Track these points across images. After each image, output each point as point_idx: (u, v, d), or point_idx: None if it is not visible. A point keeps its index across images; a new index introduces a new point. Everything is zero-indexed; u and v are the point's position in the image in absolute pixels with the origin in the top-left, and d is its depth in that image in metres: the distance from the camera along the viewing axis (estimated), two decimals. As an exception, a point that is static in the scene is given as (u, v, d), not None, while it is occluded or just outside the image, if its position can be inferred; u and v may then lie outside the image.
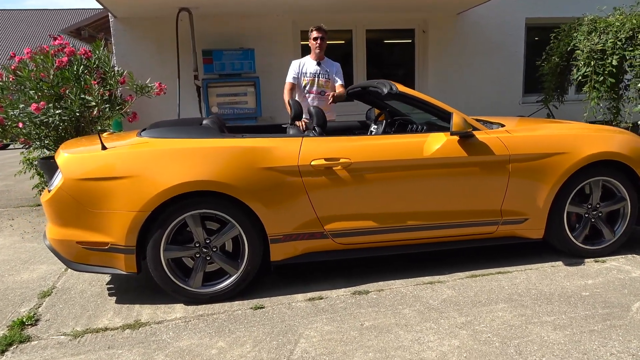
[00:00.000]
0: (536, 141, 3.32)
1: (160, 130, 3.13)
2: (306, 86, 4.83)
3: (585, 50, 5.85)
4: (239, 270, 3.03)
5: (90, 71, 5.27)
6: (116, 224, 2.86)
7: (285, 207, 3.02)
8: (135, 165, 2.88)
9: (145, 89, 5.15)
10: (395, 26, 7.01)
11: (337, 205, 3.10)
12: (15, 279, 3.59)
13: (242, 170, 2.94)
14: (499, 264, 3.46)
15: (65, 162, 2.92)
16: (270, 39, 6.48)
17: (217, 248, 3.01)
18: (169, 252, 2.94)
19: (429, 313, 2.77)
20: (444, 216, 3.24)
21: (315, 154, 3.05)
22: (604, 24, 5.85)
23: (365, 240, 3.20)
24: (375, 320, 2.71)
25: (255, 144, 3.03)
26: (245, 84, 5.99)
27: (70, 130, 5.31)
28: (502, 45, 7.22)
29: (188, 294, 2.99)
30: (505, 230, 3.38)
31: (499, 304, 2.86)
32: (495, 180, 3.25)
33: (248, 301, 3.03)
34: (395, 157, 3.12)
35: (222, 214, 2.95)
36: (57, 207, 2.90)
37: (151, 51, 6.17)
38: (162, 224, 2.89)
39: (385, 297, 3.01)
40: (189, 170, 2.87)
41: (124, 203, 2.84)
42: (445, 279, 3.24)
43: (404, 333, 2.56)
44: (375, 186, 3.12)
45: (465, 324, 2.63)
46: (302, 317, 2.79)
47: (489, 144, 3.24)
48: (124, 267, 2.93)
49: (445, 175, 3.19)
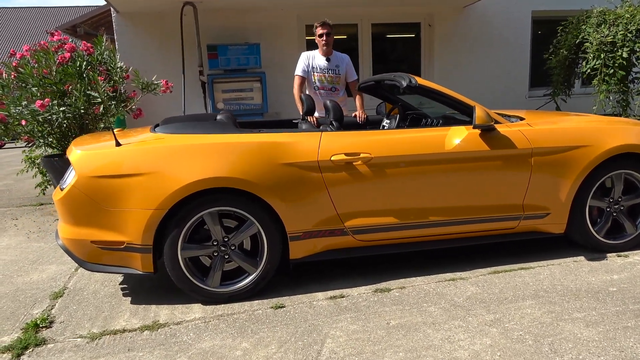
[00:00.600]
0: (558, 134, 3.26)
1: (175, 126, 3.05)
2: (316, 82, 4.75)
3: (594, 43, 5.79)
4: (258, 269, 2.95)
5: (93, 67, 5.15)
6: (132, 223, 2.78)
7: (305, 203, 2.94)
8: (151, 162, 2.79)
9: (150, 87, 5.05)
10: (400, 20, 6.93)
11: (357, 201, 3.02)
12: (24, 280, 3.50)
13: (261, 166, 2.86)
14: (520, 259, 3.40)
15: (78, 159, 2.83)
16: (275, 33, 6.38)
17: (236, 246, 2.94)
18: (186, 251, 2.86)
19: (456, 311, 2.71)
20: (466, 211, 3.17)
21: (335, 148, 2.98)
22: (614, 16, 5.79)
23: (386, 237, 3.13)
24: (401, 319, 2.64)
25: (274, 139, 2.95)
26: (251, 79, 5.90)
27: (74, 128, 5.20)
28: (508, 38, 7.16)
29: (206, 293, 2.91)
30: (527, 225, 3.31)
31: (526, 300, 2.79)
32: (517, 174, 3.19)
33: (268, 300, 2.95)
34: (416, 152, 3.05)
35: (241, 211, 2.87)
36: (71, 205, 2.81)
37: (154, 46, 6.06)
38: (180, 222, 2.80)
39: (408, 294, 2.94)
40: (207, 167, 2.79)
41: (140, 201, 2.76)
42: (467, 276, 3.18)
43: (433, 332, 2.49)
44: (396, 181, 3.04)
45: (495, 321, 2.57)
46: (326, 316, 2.72)
47: (511, 137, 3.17)
48: (141, 266, 2.85)
49: (467, 169, 3.12)
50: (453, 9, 6.90)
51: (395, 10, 6.72)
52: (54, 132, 5.26)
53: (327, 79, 4.72)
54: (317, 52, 4.78)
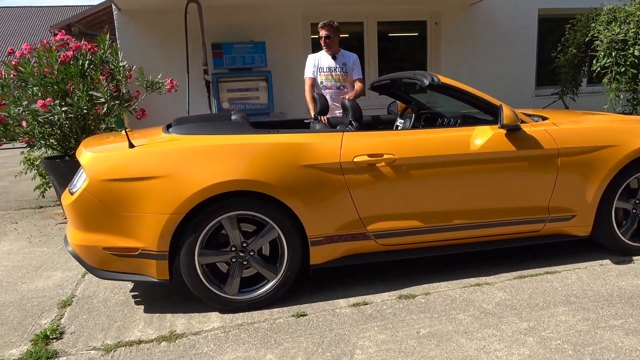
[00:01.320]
0: (585, 134, 3.16)
1: (191, 126, 2.91)
2: (323, 81, 4.65)
3: (605, 41, 5.72)
4: (278, 275, 2.83)
5: (95, 66, 5.00)
6: (147, 228, 2.64)
7: (326, 207, 2.82)
8: (167, 164, 2.66)
9: (155, 85, 4.90)
10: (406, 18, 6.83)
11: (380, 204, 2.91)
12: (29, 288, 3.35)
13: (281, 168, 2.73)
14: (545, 263, 3.31)
15: (90, 161, 2.69)
16: (280, 31, 6.25)
17: (255, 252, 2.81)
18: (203, 257, 2.73)
19: (487, 318, 2.60)
20: (491, 214, 3.07)
21: (358, 149, 2.86)
22: (625, 13, 5.72)
23: (409, 241, 3.02)
24: (431, 328, 2.53)
25: (294, 139, 2.83)
26: (257, 78, 5.77)
27: (75, 129, 5.04)
28: (514, 37, 7.08)
29: (224, 301, 2.78)
30: (552, 227, 3.22)
31: (558, 307, 2.69)
32: (543, 176, 3.09)
33: (288, 308, 2.83)
34: (441, 153, 2.94)
35: (261, 215, 2.74)
36: (82, 210, 2.67)
37: (157, 45, 5.91)
38: (197, 227, 2.68)
39: (434, 301, 2.83)
40: (226, 169, 2.66)
41: (156, 205, 2.62)
42: (492, 280, 3.08)
43: (466, 341, 2.38)
44: (420, 183, 2.93)
45: (529, 329, 2.46)
46: (351, 325, 2.61)
47: (537, 137, 3.07)
48: (156, 274, 2.71)
49: (492, 170, 3.01)
50: (459, 6, 6.80)
51: (401, 8, 6.61)
52: (55, 133, 5.10)
53: (334, 78, 4.62)
54: (323, 51, 4.69)
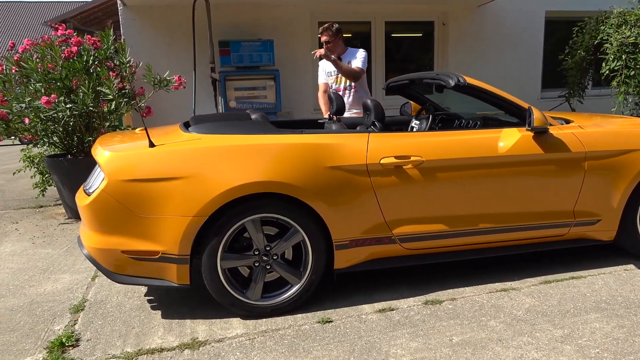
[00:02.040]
0: (612, 137, 3.11)
1: (212, 126, 2.81)
2: (332, 84, 4.61)
3: (615, 44, 5.70)
4: (302, 280, 2.74)
5: (100, 62, 4.88)
6: (168, 231, 2.54)
7: (352, 210, 2.74)
8: (190, 165, 2.56)
9: (163, 82, 4.79)
10: (414, 18, 6.77)
11: (406, 207, 2.83)
12: (38, 291, 3.22)
13: (308, 169, 2.65)
14: (568, 268, 3.25)
15: (109, 161, 2.58)
16: (287, 30, 6.16)
17: (278, 256, 2.72)
18: (226, 262, 2.64)
19: (519, 325, 2.53)
20: (517, 218, 3.01)
21: (385, 151, 2.78)
22: (635, 17, 5.70)
23: (434, 245, 2.95)
24: (464, 335, 2.46)
25: (320, 140, 2.74)
26: (265, 77, 5.67)
27: (79, 126, 4.92)
28: (521, 38, 7.05)
29: (247, 307, 2.69)
30: (577, 232, 3.16)
31: (590, 313, 2.63)
32: (570, 179, 3.03)
33: (312, 314, 2.74)
34: (469, 155, 2.87)
35: (286, 218, 2.65)
36: (100, 212, 2.56)
37: (162, 41, 5.79)
38: (220, 230, 2.58)
39: (461, 307, 2.76)
40: (251, 170, 2.57)
41: (178, 207, 2.52)
42: (517, 286, 3.01)
43: (502, 349, 2.31)
44: (447, 186, 2.86)
45: (565, 337, 2.40)
46: (380, 332, 2.52)
47: (564, 140, 3.02)
48: (176, 278, 2.61)
49: (519, 173, 2.95)
50: (467, 7, 6.76)
51: (409, 8, 6.55)
52: (57, 131, 4.97)
53: (342, 80, 4.56)
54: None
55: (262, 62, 5.70)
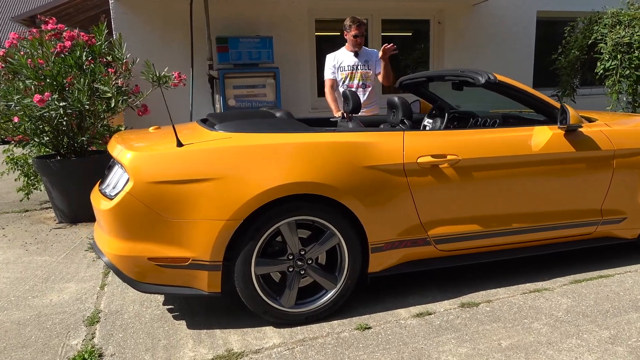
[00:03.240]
0: (633, 134, 3.11)
1: (242, 123, 2.66)
2: (345, 80, 4.46)
3: (610, 43, 5.79)
4: (338, 285, 2.62)
5: (94, 58, 4.62)
6: (200, 236, 2.38)
7: (389, 211, 2.64)
8: (222, 165, 2.40)
9: (163, 79, 4.56)
10: (410, 16, 6.73)
11: (442, 207, 2.75)
12: (43, 303, 2.99)
13: (346, 169, 2.53)
14: (594, 267, 3.24)
15: (134, 161, 2.39)
16: (285, 27, 6.01)
17: (313, 260, 2.59)
18: (260, 268, 2.49)
19: (564, 327, 2.48)
20: (548, 217, 2.97)
21: (421, 150, 2.69)
22: (628, 17, 5.81)
23: (467, 246, 2.88)
24: (511, 339, 2.39)
25: (356, 139, 2.63)
26: (265, 74, 5.50)
27: (72, 126, 4.65)
28: (514, 38, 7.11)
29: (282, 315, 2.55)
30: (603, 230, 3.16)
31: (630, 313, 2.61)
32: (599, 177, 3.02)
33: (348, 320, 2.63)
34: (504, 153, 2.81)
35: (322, 220, 2.53)
36: (124, 216, 2.38)
37: (157, 37, 5.55)
38: (255, 235, 2.43)
39: (499, 309, 2.70)
40: (288, 170, 2.43)
41: (210, 210, 2.36)
42: (549, 286, 2.98)
43: (555, 353, 2.25)
44: (482, 185, 2.80)
45: (614, 338, 2.36)
46: (424, 337, 2.43)
47: (594, 138, 2.99)
48: (207, 286, 2.45)
49: (552, 172, 2.91)
50: (463, 6, 6.76)
51: (406, 5, 6.51)
52: (47, 131, 4.68)
53: (357, 76, 4.45)
54: (344, 48, 4.52)
55: (261, 59, 5.53)
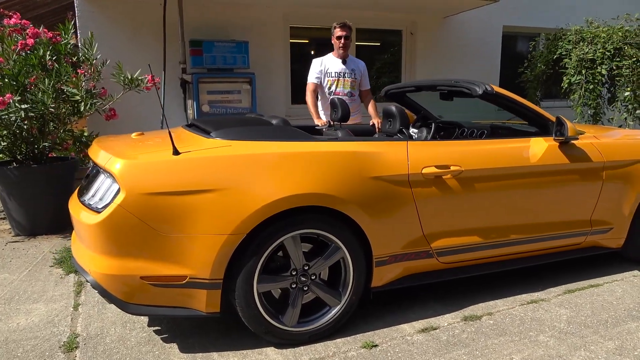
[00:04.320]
0: (625, 147, 3.20)
1: (241, 131, 2.49)
2: (331, 87, 4.38)
3: (574, 59, 6.04)
4: (342, 301, 2.50)
5: (58, 58, 4.29)
6: (199, 252, 2.20)
7: (394, 223, 2.55)
8: (225, 175, 2.24)
9: (134, 82, 4.29)
10: (384, 26, 6.75)
11: (444, 219, 2.70)
12: (10, 327, 2.68)
13: (352, 180, 2.42)
14: (581, 276, 3.29)
15: (127, 170, 2.18)
16: (259, 32, 5.86)
17: (316, 276, 2.46)
18: (262, 285, 2.33)
19: (569, 339, 2.48)
20: (544, 228, 2.99)
21: (425, 160, 2.63)
22: (591, 35, 6.09)
23: (468, 258, 2.84)
24: (522, 353, 2.35)
25: (361, 148, 2.53)
26: (240, 80, 5.32)
27: (32, 131, 4.29)
28: (481, 51, 7.29)
29: (285, 334, 2.40)
30: (591, 240, 3.21)
31: (628, 322, 2.65)
32: (590, 188, 3.07)
33: (352, 338, 2.51)
34: (504, 165, 2.80)
35: (327, 234, 2.40)
36: (115, 231, 2.16)
37: (126, 38, 5.25)
38: (258, 250, 2.28)
39: (502, 322, 2.67)
40: (295, 181, 2.30)
41: (211, 224, 2.19)
42: (544, 296, 2.99)
43: (567, 366, 2.24)
44: (483, 197, 2.77)
45: (620, 349, 2.37)
46: (435, 355, 2.35)
47: (586, 150, 3.05)
48: (205, 306, 2.27)
49: (547, 183, 2.93)
50: (434, 18, 6.87)
51: (380, 15, 6.52)
52: (4, 135, 4.30)
53: (344, 84, 4.38)
54: (331, 55, 4.45)
55: (236, 64, 5.35)
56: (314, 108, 4.34)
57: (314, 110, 4.33)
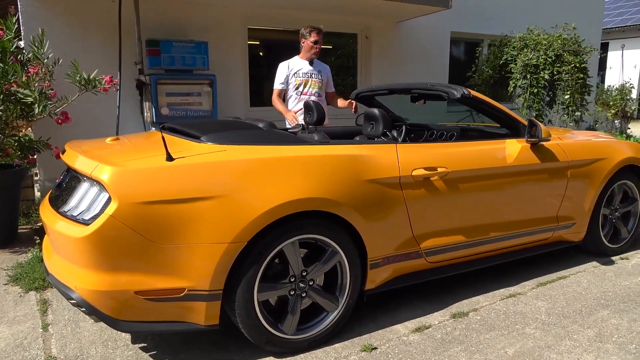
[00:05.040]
0: (584, 147, 3.43)
1: (233, 135, 2.41)
2: (299, 87, 4.41)
3: (519, 64, 6.42)
4: (340, 306, 2.49)
5: (4, 56, 3.93)
6: (198, 262, 2.10)
7: (387, 225, 2.58)
8: (223, 181, 2.15)
9: (91, 83, 4.02)
10: (340, 29, 6.81)
11: (432, 220, 2.76)
12: (-28, 354, 2.42)
13: (349, 184, 2.42)
14: (548, 270, 3.48)
15: (117, 177, 2.03)
16: (217, 33, 5.70)
17: (314, 281, 2.43)
18: (262, 294, 2.27)
19: (553, 329, 2.62)
20: (519, 225, 3.14)
21: (414, 162, 2.67)
22: (534, 42, 6.49)
23: (453, 257, 2.93)
24: (514, 346, 2.45)
25: (354, 151, 2.53)
26: (201, 82, 5.15)
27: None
28: (431, 55, 7.54)
29: (285, 343, 2.34)
30: (557, 235, 3.42)
31: (599, 310, 2.84)
32: (557, 186, 3.27)
33: (349, 342, 2.50)
34: (485, 165, 2.91)
35: (325, 238, 2.38)
36: (107, 244, 2.01)
37: (75, 36, 4.90)
38: (258, 257, 2.21)
39: (488, 317, 2.77)
40: (295, 186, 2.25)
41: (210, 233, 2.10)
42: (520, 290, 3.13)
43: (558, 356, 2.36)
44: (466, 197, 2.86)
45: (599, 336, 2.54)
46: (434, 353, 2.39)
47: (553, 151, 3.23)
48: (204, 319, 2.17)
49: (522, 182, 3.09)
50: (387, 23, 7.02)
51: (336, 18, 6.57)
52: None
53: (312, 84, 4.43)
54: (297, 57, 4.49)
55: (195, 65, 5.17)
56: (282, 106, 4.35)
57: (282, 107, 4.34)
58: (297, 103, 4.39)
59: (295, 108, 4.35)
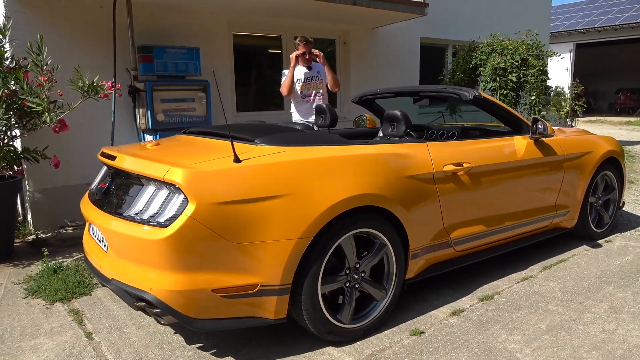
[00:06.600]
0: (575, 142, 3.80)
1: (287, 137, 2.52)
2: (303, 91, 4.74)
3: (489, 67, 6.86)
4: (388, 294, 2.65)
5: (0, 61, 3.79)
6: (269, 258, 2.20)
7: (423, 218, 2.78)
8: (289, 180, 2.26)
9: (94, 89, 3.94)
10: (319, 35, 6.97)
11: (459, 211, 2.99)
12: (24, 367, 2.37)
13: (394, 180, 2.60)
14: (548, 254, 3.80)
15: (193, 179, 2.09)
16: (205, 39, 5.71)
17: (366, 272, 2.58)
18: (325, 286, 2.39)
19: (571, 305, 2.91)
20: (525, 214, 3.43)
21: (445, 159, 2.89)
22: (501, 47, 6.97)
23: (475, 245, 3.17)
24: (545, 322, 2.71)
25: (395, 150, 2.72)
26: (195, 88, 5.15)
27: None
28: (403, 59, 7.87)
29: (344, 332, 2.47)
30: (554, 223, 3.75)
31: (605, 287, 3.17)
32: (556, 178, 3.60)
33: (397, 328, 2.67)
34: (501, 160, 3.18)
35: (376, 232, 2.54)
36: (187, 244, 2.07)
37: (63, 42, 4.75)
38: (322, 252, 2.33)
39: (512, 298, 3.03)
40: (352, 183, 2.40)
41: (280, 230, 2.20)
42: (530, 274, 3.42)
43: (583, 327, 2.64)
44: (485, 189, 3.12)
45: (613, 309, 2.85)
46: (477, 332, 2.61)
47: (552, 146, 3.56)
48: (273, 313, 2.27)
49: (529, 175, 3.39)
50: (364, 29, 7.27)
51: (315, 25, 6.74)
52: None
53: (315, 86, 4.83)
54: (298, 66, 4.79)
55: (188, 71, 5.17)
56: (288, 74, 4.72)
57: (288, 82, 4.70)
58: (304, 105, 4.70)
59: (304, 111, 4.62)
